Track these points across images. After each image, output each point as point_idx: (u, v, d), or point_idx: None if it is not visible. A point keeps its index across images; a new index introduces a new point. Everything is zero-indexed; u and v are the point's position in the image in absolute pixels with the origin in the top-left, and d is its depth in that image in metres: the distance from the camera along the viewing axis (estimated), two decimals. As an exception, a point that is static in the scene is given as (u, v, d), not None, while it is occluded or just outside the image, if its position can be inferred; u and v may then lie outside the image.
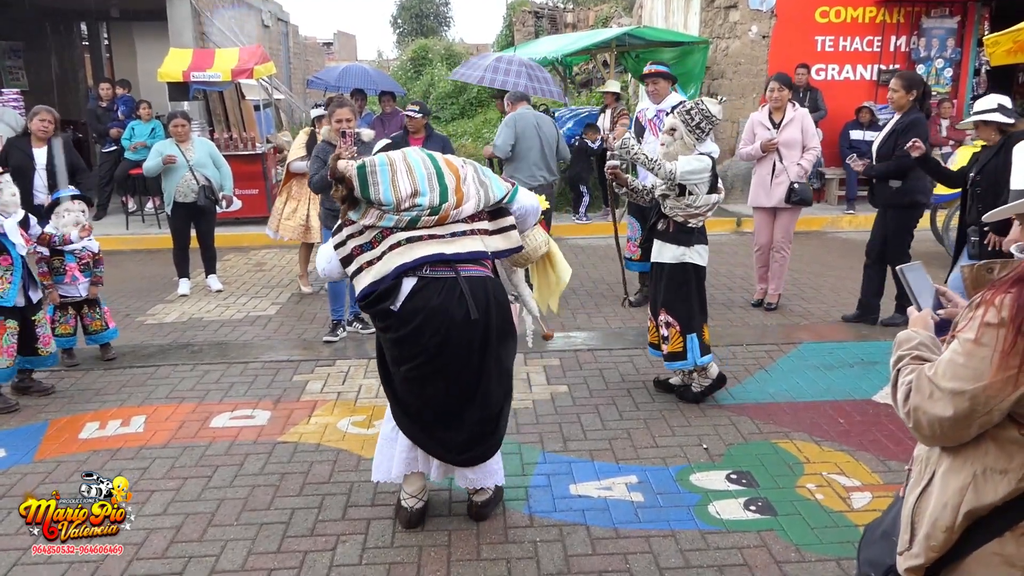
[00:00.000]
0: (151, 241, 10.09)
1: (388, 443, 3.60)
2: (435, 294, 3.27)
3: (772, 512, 3.68)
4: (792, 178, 6.59)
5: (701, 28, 12.27)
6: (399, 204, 3.29)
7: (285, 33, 20.26)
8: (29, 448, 4.47)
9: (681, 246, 4.76)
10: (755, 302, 7.03)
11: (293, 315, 7.03)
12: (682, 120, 4.69)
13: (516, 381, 5.23)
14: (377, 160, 3.38)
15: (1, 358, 4.89)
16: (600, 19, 22.83)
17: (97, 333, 5.82)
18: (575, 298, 7.37)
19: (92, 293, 5.75)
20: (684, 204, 4.71)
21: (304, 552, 3.45)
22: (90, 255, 5.73)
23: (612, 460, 4.22)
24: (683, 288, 4.80)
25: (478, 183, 3.46)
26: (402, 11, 44.87)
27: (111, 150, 11.33)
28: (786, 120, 6.63)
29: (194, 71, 10.65)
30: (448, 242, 3.33)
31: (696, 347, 4.80)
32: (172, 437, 4.59)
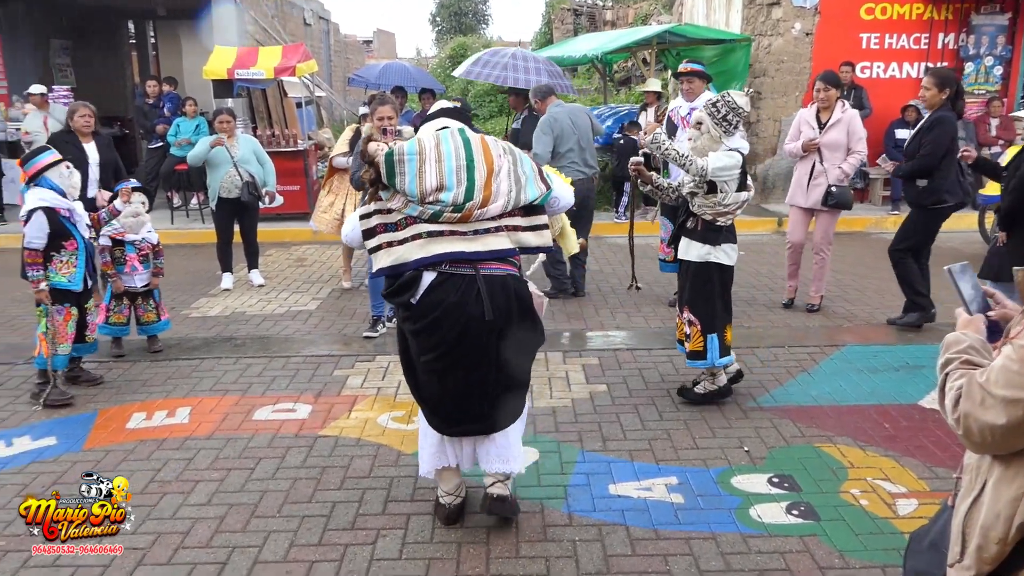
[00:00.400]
0: (195, 236, 10.25)
1: (424, 436, 3.62)
2: (453, 291, 3.26)
3: (815, 517, 3.63)
4: (831, 181, 6.46)
5: (743, 25, 12.15)
6: (423, 197, 3.24)
7: (326, 31, 20.45)
8: (79, 437, 4.57)
9: (707, 245, 4.71)
10: (785, 302, 6.92)
11: (333, 310, 7.09)
12: (708, 113, 4.64)
13: (555, 380, 5.27)
14: (407, 148, 3.29)
15: (63, 345, 5.01)
16: (639, 17, 22.70)
17: (149, 324, 5.94)
18: (614, 297, 7.34)
19: (153, 284, 5.88)
20: (713, 202, 4.66)
21: (345, 545, 3.48)
22: (149, 247, 5.85)
23: (652, 461, 4.20)
24: (707, 287, 4.75)
25: (513, 179, 3.33)
26: (441, 9, 45.05)
27: (157, 146, 11.52)
28: (832, 120, 6.50)
29: (238, 69, 10.80)
30: (470, 240, 3.29)
31: (716, 347, 4.76)
32: (216, 429, 4.66)
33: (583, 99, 18.16)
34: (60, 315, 4.99)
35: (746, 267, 8.38)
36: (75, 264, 5.01)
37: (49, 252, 4.95)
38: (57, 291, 4.99)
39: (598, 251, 9.33)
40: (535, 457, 4.24)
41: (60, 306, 4.99)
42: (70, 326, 5.05)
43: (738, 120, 4.65)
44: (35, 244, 4.89)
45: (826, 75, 6.60)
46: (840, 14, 11.21)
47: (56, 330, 4.98)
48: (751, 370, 5.42)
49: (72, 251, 5.00)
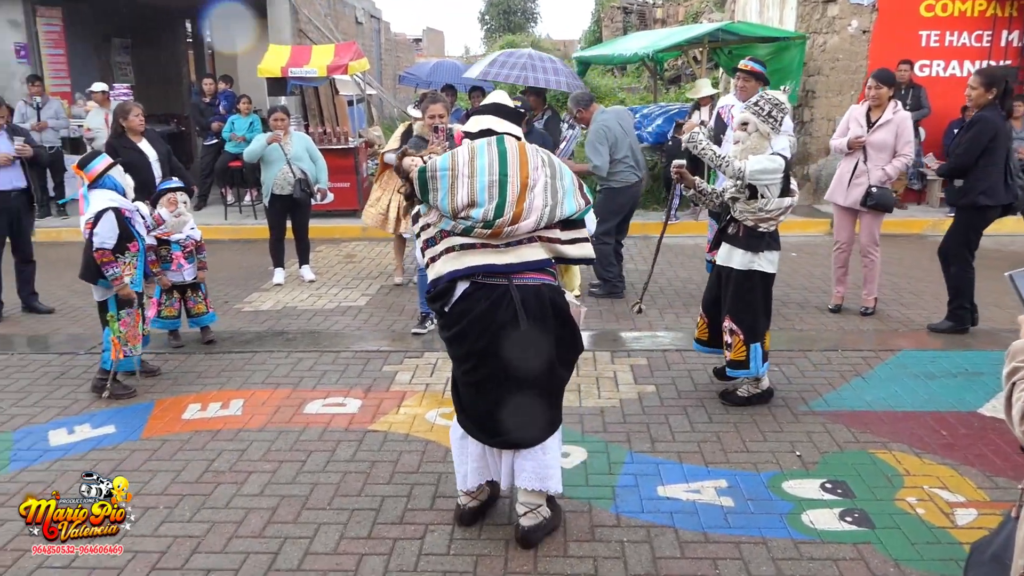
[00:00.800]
0: (248, 231, 10.43)
1: (459, 449, 3.57)
2: (482, 300, 3.23)
3: (869, 524, 3.56)
4: (872, 181, 6.32)
5: (798, 23, 11.95)
6: (455, 213, 3.23)
7: (377, 30, 20.63)
8: (137, 426, 4.68)
9: (750, 252, 4.62)
10: (832, 307, 6.77)
11: (383, 306, 7.16)
12: (753, 112, 4.56)
13: (603, 380, 5.26)
14: (439, 164, 3.27)
15: (136, 345, 5.13)
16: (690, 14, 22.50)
17: (199, 316, 6.08)
18: (663, 297, 7.29)
19: (200, 277, 6.02)
20: (755, 208, 4.57)
21: (394, 539, 3.51)
22: (193, 243, 5.98)
23: (701, 463, 4.16)
24: (750, 295, 4.67)
25: (549, 193, 3.25)
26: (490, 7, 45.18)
27: (212, 143, 11.74)
28: (882, 120, 6.34)
29: (292, 67, 10.95)
30: (502, 252, 3.24)
31: (759, 356, 4.69)
32: (268, 421, 4.74)
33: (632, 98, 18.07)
34: (130, 316, 5.10)
35: (798, 269, 8.25)
36: (136, 265, 5.12)
37: (114, 254, 4.98)
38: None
39: (647, 251, 9.27)
40: (583, 456, 4.24)
41: (130, 308, 5.10)
42: (140, 327, 5.17)
43: (783, 116, 4.57)
44: (108, 244, 4.92)
45: (880, 73, 6.45)
46: (899, 11, 10.96)
47: (128, 332, 5.08)
48: (803, 373, 5.34)
49: (135, 252, 5.09)
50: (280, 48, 11.72)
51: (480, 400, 3.39)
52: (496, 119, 3.48)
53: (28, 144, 6.82)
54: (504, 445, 3.43)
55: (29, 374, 5.58)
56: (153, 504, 3.81)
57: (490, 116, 3.49)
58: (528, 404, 3.34)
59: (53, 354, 6.00)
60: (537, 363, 3.29)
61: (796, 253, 8.97)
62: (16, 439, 4.55)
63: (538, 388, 3.34)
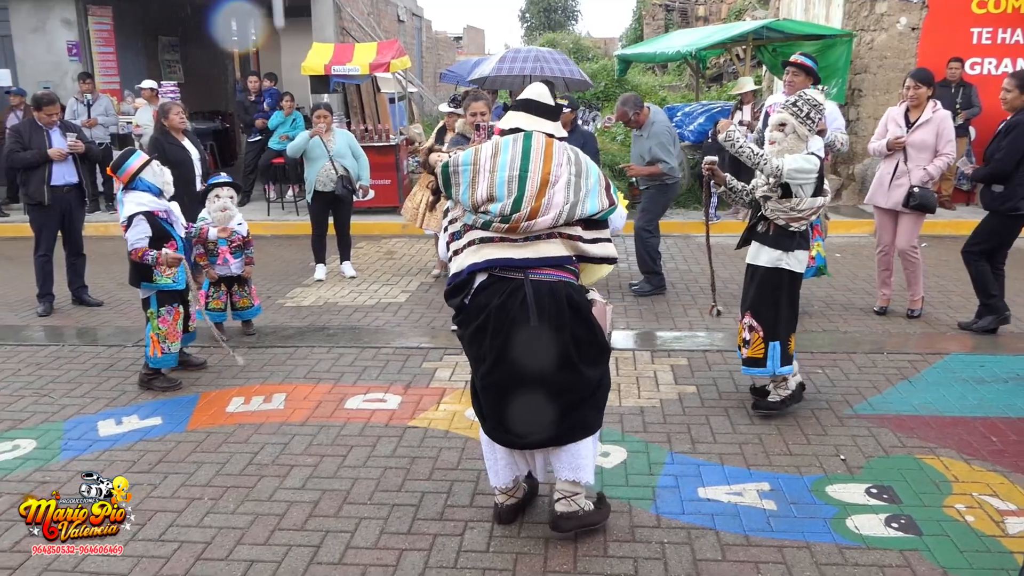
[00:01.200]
0: (290, 227, 10.56)
1: (487, 446, 3.56)
2: (497, 294, 3.23)
3: (916, 531, 3.49)
4: (914, 182, 6.22)
5: (844, 20, 11.76)
6: (475, 207, 3.24)
7: (419, 28, 20.74)
8: (182, 418, 4.77)
9: (778, 250, 4.54)
10: (878, 309, 6.66)
11: (422, 303, 7.20)
12: (791, 113, 4.48)
13: (643, 379, 5.22)
14: (462, 159, 3.30)
15: (174, 343, 5.21)
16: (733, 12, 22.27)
17: (244, 309, 6.17)
18: (703, 297, 7.22)
19: (247, 273, 6.10)
20: (787, 207, 4.49)
21: (433, 535, 3.53)
22: (240, 239, 6.06)
23: (743, 465, 4.11)
24: (774, 294, 4.60)
25: (572, 189, 3.21)
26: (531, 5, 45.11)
27: (256, 140, 11.89)
28: (921, 120, 6.23)
29: (335, 65, 11.06)
30: (520, 247, 3.23)
31: (777, 356, 4.59)
32: (310, 415, 4.79)
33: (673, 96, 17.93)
34: (170, 315, 5.19)
35: (843, 269, 8.12)
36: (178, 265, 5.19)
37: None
38: (164, 292, 5.17)
39: (687, 250, 9.21)
40: (623, 456, 4.22)
41: (169, 306, 5.19)
42: (179, 324, 5.25)
43: (820, 117, 4.51)
44: (141, 244, 5.01)
45: (918, 73, 6.35)
46: (950, 8, 10.73)
47: (167, 330, 5.17)
48: (847, 376, 5.26)
49: (174, 252, 5.14)
50: (323, 46, 11.83)
51: (500, 402, 3.37)
52: (526, 116, 3.41)
53: (80, 140, 6.97)
54: (531, 446, 3.42)
55: (79, 365, 5.71)
56: (198, 496, 3.88)
57: (520, 113, 3.44)
58: (550, 403, 3.30)
59: (102, 346, 6.13)
60: (553, 360, 3.25)
61: (840, 254, 8.83)
62: (67, 429, 4.66)
63: (559, 387, 3.29)
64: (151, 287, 5.14)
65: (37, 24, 12.75)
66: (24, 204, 7.26)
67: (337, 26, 13.37)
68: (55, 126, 6.90)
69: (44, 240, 6.99)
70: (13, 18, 12.73)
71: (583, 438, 3.39)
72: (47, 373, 5.56)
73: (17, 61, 12.84)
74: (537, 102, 3.43)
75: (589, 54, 24.59)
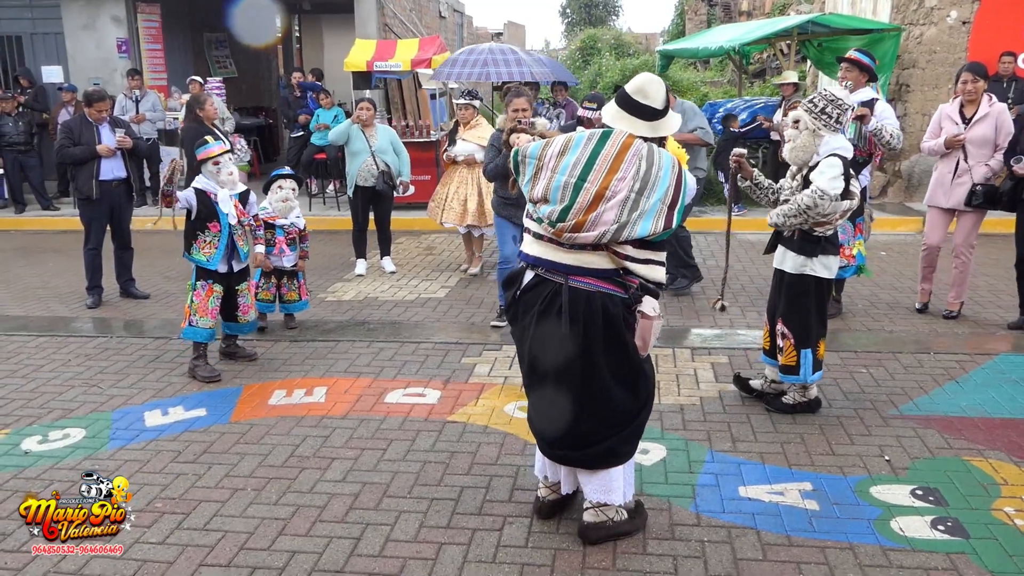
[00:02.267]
0: (331, 222, 10.65)
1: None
2: (540, 298, 3.23)
3: (963, 534, 3.42)
4: (976, 179, 6.08)
5: (892, 14, 11.54)
6: (533, 201, 3.23)
7: (460, 24, 20.80)
8: (226, 410, 4.84)
9: (802, 255, 4.45)
10: (919, 307, 6.55)
11: (462, 299, 7.22)
12: (806, 109, 4.38)
13: (683, 377, 5.18)
14: (530, 152, 3.26)
15: (204, 319, 5.30)
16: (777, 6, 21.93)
17: (291, 303, 6.26)
18: (744, 295, 7.15)
19: (300, 266, 6.18)
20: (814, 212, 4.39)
21: (472, 530, 3.54)
22: (297, 231, 6.15)
23: (784, 464, 4.07)
24: (801, 300, 4.51)
25: (627, 207, 3.06)
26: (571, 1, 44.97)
27: (298, 135, 12.03)
28: (979, 115, 6.09)
29: (377, 61, 11.14)
30: (566, 251, 3.19)
31: (809, 363, 4.52)
32: (350, 409, 4.83)
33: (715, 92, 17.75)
34: (204, 290, 5.29)
35: (888, 268, 7.98)
36: (216, 246, 5.26)
37: (195, 231, 5.26)
38: (201, 269, 5.30)
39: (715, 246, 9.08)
40: (662, 454, 4.19)
41: (204, 281, 5.30)
42: (211, 302, 5.31)
43: (839, 112, 4.34)
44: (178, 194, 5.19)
45: (974, 66, 6.21)
46: (1003, 1, 10.45)
47: (199, 304, 5.28)
48: (892, 376, 5.17)
49: (215, 233, 5.26)
50: (366, 42, 11.93)
51: (536, 406, 3.39)
52: (619, 112, 3.26)
53: (128, 136, 7.11)
54: (560, 461, 3.43)
55: (126, 357, 5.83)
56: (241, 486, 3.94)
57: (614, 107, 3.29)
58: (579, 420, 3.27)
59: (148, 338, 6.25)
60: (580, 370, 3.21)
61: (885, 252, 8.68)
62: (115, 419, 4.77)
63: (588, 401, 3.26)
64: (189, 258, 5.33)
65: (88, 21, 13.02)
66: (74, 198, 7.43)
67: (380, 22, 13.46)
68: (105, 122, 7.05)
69: (93, 234, 7.15)
70: (65, 15, 13.02)
71: (614, 467, 3.37)
72: (96, 364, 5.69)
73: (68, 57, 13.14)
74: (633, 100, 3.23)
75: (630, 50, 24.44)
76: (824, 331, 4.64)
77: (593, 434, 3.30)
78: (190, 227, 5.31)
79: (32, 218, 11.46)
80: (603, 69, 20.16)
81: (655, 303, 3.23)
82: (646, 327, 3.22)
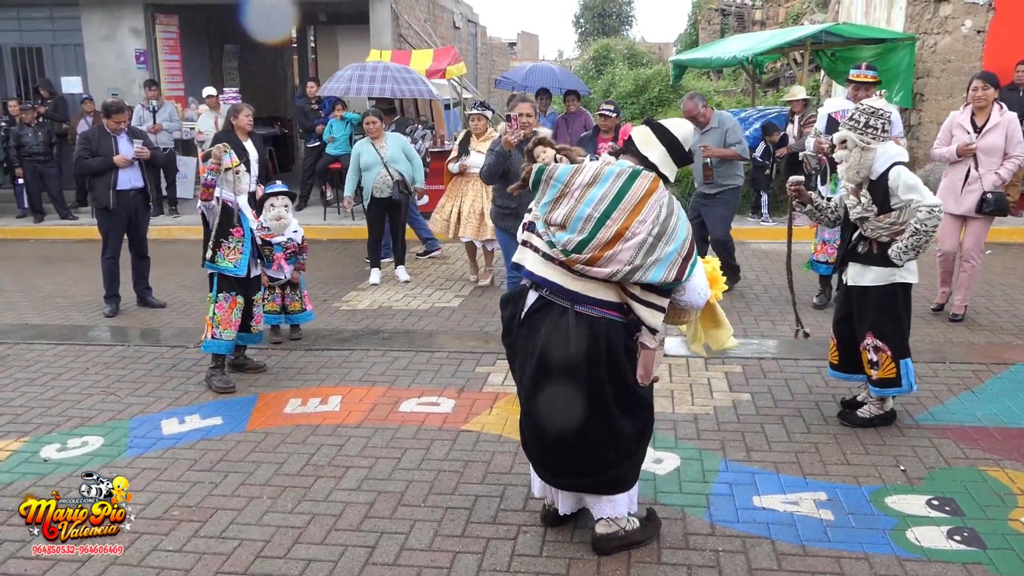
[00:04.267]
0: (345, 232, 10.71)
1: None
2: (544, 318, 3.22)
3: (980, 544, 3.41)
4: (986, 187, 6.14)
5: (907, 23, 11.50)
6: (547, 222, 3.21)
7: (474, 34, 20.89)
8: (242, 419, 4.88)
9: (889, 267, 4.40)
10: (935, 307, 6.61)
11: (475, 308, 7.24)
12: (849, 128, 4.38)
13: (697, 386, 5.18)
14: (558, 175, 3.23)
15: (228, 331, 5.33)
16: (791, 15, 21.92)
17: (295, 314, 6.30)
18: (759, 304, 7.14)
19: (294, 277, 6.21)
20: (887, 223, 4.38)
21: (487, 539, 3.55)
22: (295, 245, 6.19)
23: (799, 474, 4.06)
24: (891, 310, 4.46)
25: (643, 251, 3.08)
26: (585, 10, 45.09)
27: (314, 145, 12.10)
28: (990, 124, 6.14)
29: (391, 71, 11.16)
30: (574, 278, 3.18)
31: (911, 372, 4.47)
32: (365, 418, 4.86)
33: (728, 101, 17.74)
34: (227, 302, 5.33)
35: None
36: (241, 251, 5.31)
37: (219, 239, 5.27)
38: (224, 279, 5.33)
39: (741, 257, 9.08)
40: (676, 463, 4.19)
41: (227, 294, 5.33)
42: (235, 313, 5.36)
43: (883, 121, 4.35)
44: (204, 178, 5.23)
45: (986, 75, 6.29)
46: (1018, 10, 10.41)
47: (222, 316, 5.31)
48: (908, 386, 5.14)
49: (239, 238, 5.30)
50: (381, 53, 11.99)
51: (539, 433, 3.36)
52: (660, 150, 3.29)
53: (146, 146, 7.19)
54: (565, 488, 3.44)
55: (143, 365, 5.88)
56: (257, 495, 3.97)
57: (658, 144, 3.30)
58: (577, 445, 3.26)
59: (165, 347, 6.31)
60: (583, 396, 3.19)
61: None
62: (132, 427, 4.81)
63: (589, 428, 3.24)
64: (212, 267, 5.32)
65: (107, 32, 13.18)
66: (92, 208, 7.51)
67: (394, 33, 13.55)
68: (123, 132, 7.12)
69: (111, 243, 7.22)
70: (85, 27, 13.18)
71: (616, 493, 3.38)
72: (113, 372, 5.75)
73: (88, 68, 13.29)
74: (679, 143, 3.30)
75: (644, 59, 24.44)
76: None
77: (598, 461, 3.29)
78: (212, 236, 5.33)
79: (51, 227, 11.58)
80: (616, 79, 20.17)
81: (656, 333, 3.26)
82: (648, 357, 3.26)
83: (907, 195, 4.29)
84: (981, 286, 7.43)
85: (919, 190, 4.29)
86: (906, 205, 4.32)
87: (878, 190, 4.39)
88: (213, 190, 5.19)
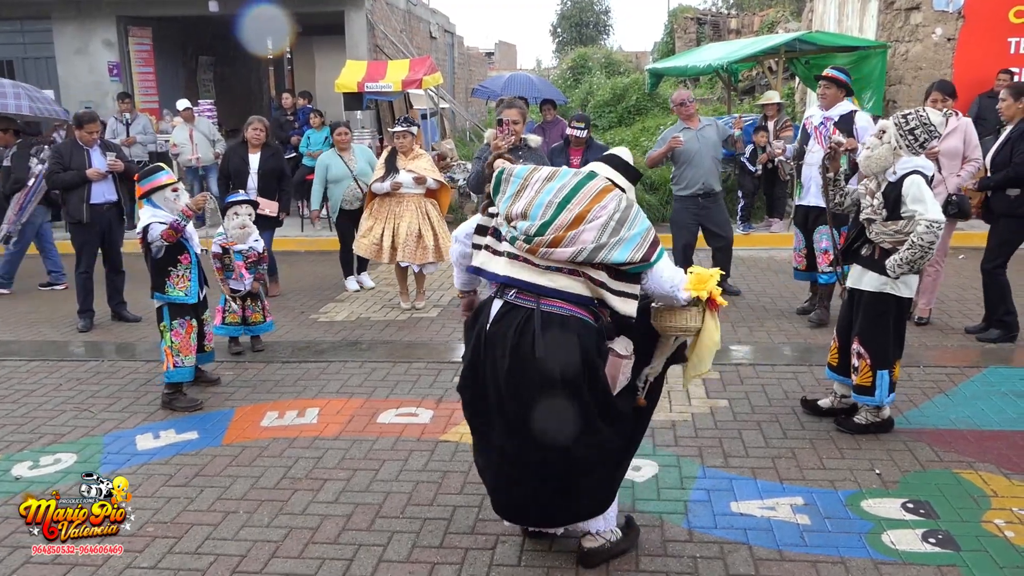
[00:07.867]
0: (323, 243, 10.67)
1: None
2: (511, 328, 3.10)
3: (954, 546, 3.44)
4: (950, 189, 6.26)
5: (879, 32, 11.67)
6: (509, 219, 3.19)
7: (451, 44, 20.93)
8: (218, 433, 4.84)
9: (884, 275, 4.41)
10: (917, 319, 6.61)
11: (454, 318, 7.23)
12: (895, 123, 4.33)
13: (674, 393, 5.19)
14: (517, 171, 3.28)
15: (188, 356, 5.25)
16: (765, 24, 22.17)
17: (255, 325, 6.25)
18: (735, 312, 7.17)
19: (254, 287, 6.17)
20: (893, 230, 4.36)
21: (465, 549, 3.54)
22: (255, 254, 6.16)
23: (776, 479, 4.08)
24: (880, 319, 4.46)
25: (606, 232, 3.05)
26: (562, 20, 45.35)
27: (290, 157, 12.04)
28: (948, 129, 6.24)
29: (368, 82, 11.22)
30: (540, 273, 3.12)
31: (885, 385, 4.47)
32: (343, 430, 4.83)
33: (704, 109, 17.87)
34: (183, 328, 5.23)
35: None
36: (189, 278, 5.22)
37: (167, 268, 5.16)
38: (176, 306, 5.21)
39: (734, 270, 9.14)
40: (654, 470, 4.20)
41: (182, 319, 5.23)
42: (192, 338, 5.28)
43: (926, 138, 4.30)
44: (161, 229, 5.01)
45: (943, 85, 6.47)
46: (987, 18, 10.59)
47: (180, 343, 5.21)
48: (883, 390, 5.19)
49: (187, 265, 5.21)
50: (357, 63, 12.00)
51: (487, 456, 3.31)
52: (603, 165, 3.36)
53: (119, 159, 7.13)
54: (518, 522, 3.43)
55: (118, 380, 5.82)
56: (233, 509, 3.93)
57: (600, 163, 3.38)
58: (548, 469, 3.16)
59: (140, 361, 6.25)
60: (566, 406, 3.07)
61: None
62: (106, 443, 4.75)
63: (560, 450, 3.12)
64: (163, 298, 5.21)
65: (80, 45, 13.09)
66: (65, 222, 7.44)
67: (370, 43, 13.55)
68: (95, 144, 7.06)
69: (85, 257, 7.15)
70: (57, 40, 13.09)
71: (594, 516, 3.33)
72: (87, 388, 5.68)
73: (60, 82, 13.19)
74: (620, 158, 3.38)
75: (621, 68, 24.59)
76: (900, 352, 4.56)
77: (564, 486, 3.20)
78: (159, 266, 5.17)
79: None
80: (594, 87, 20.29)
81: (628, 343, 3.24)
82: (615, 364, 3.19)
83: (913, 206, 4.27)
84: (953, 290, 7.54)
85: (925, 203, 4.24)
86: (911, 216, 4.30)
87: (892, 194, 4.36)
88: (180, 234, 5.10)
